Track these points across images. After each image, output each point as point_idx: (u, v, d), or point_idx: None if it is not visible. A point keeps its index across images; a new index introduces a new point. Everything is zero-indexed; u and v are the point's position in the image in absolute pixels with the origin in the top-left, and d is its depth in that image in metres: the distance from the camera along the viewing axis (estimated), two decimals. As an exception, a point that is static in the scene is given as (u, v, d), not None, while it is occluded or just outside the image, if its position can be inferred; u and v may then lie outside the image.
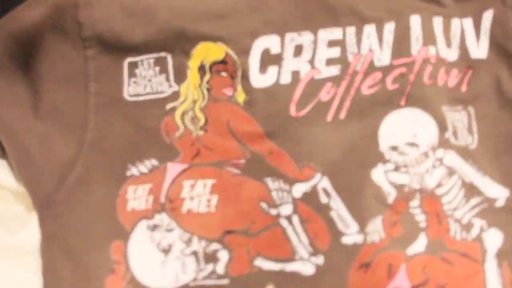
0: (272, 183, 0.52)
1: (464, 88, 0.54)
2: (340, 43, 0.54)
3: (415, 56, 0.53)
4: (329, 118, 0.53)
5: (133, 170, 0.53)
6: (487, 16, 0.55)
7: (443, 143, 0.53)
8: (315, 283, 0.50)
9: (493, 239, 0.52)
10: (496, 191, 0.53)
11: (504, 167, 0.53)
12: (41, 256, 0.52)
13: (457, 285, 0.51)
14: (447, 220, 0.52)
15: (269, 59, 0.53)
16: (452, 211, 0.52)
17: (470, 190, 0.53)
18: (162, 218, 0.52)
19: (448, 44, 0.55)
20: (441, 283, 0.51)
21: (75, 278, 0.51)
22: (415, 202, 0.52)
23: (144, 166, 0.53)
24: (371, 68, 0.54)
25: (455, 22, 0.55)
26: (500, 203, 0.53)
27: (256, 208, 0.52)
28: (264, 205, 0.52)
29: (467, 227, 0.52)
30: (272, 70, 0.53)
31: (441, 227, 0.52)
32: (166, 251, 0.51)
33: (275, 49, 0.54)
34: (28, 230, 0.54)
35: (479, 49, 0.55)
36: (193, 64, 0.54)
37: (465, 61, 0.54)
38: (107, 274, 0.51)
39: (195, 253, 0.51)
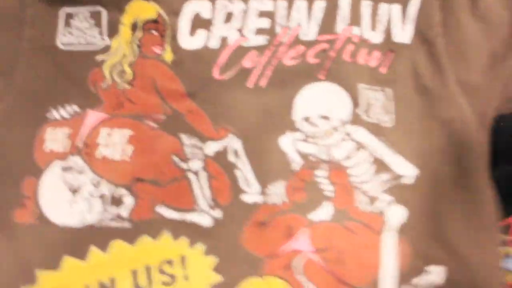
0: (186, 139, 0.54)
1: (384, 70, 0.56)
2: (270, 14, 0.56)
3: (338, 34, 0.56)
4: (250, 84, 0.55)
5: (54, 113, 0.55)
6: (414, 3, 0.57)
7: (355, 119, 0.54)
8: (211, 234, 0.51)
9: (397, 214, 0.53)
10: (406, 169, 0.54)
11: (417, 148, 0.55)
12: None
13: (355, 252, 0.52)
14: (354, 192, 0.53)
15: (199, 23, 0.56)
16: (360, 184, 0.54)
17: (380, 166, 0.54)
18: (76, 161, 0.53)
19: (374, 27, 0.57)
20: (341, 249, 0.52)
21: None
22: (321, 172, 0.54)
23: (65, 111, 0.55)
24: (296, 41, 0.56)
25: (383, 7, 0.57)
26: (408, 181, 0.54)
27: (167, 160, 0.53)
28: (175, 158, 0.53)
29: (373, 200, 0.53)
30: (201, 33, 0.56)
31: (347, 197, 0.53)
32: (75, 191, 0.53)
33: (205, 14, 0.56)
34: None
35: (404, 35, 0.57)
36: (126, 21, 0.56)
37: (389, 45, 0.56)
38: (17, 207, 0.52)
39: (102, 196, 0.53)
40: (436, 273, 0.53)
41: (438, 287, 0.52)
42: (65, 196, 0.52)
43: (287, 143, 0.54)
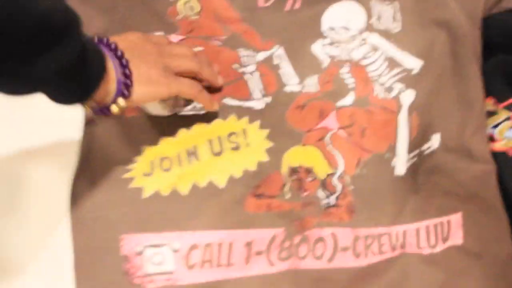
0: (243, 51, 0.70)
1: None
2: None
3: None
4: (287, 8, 0.71)
5: None
6: None
7: (369, 28, 0.70)
8: (264, 114, 0.66)
9: (408, 96, 0.67)
10: (412, 63, 0.69)
11: (420, 45, 0.69)
12: None
13: (375, 128, 0.67)
14: (372, 83, 0.68)
15: None
16: (377, 77, 0.69)
17: (392, 62, 0.69)
18: None
19: None
20: (363, 126, 0.67)
21: None
22: (345, 69, 0.69)
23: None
24: None
25: None
26: (415, 71, 0.68)
27: (229, 67, 0.69)
28: (236, 65, 0.71)
29: (389, 89, 0.68)
30: None
31: (366, 88, 0.68)
32: None
33: None
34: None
35: None
36: None
37: None
38: None
39: None
40: (435, 139, 0.68)
41: (435, 151, 0.67)
42: None
43: (318, 47, 0.69)
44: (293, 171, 0.64)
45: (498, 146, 0.68)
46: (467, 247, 0.63)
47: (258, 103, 0.67)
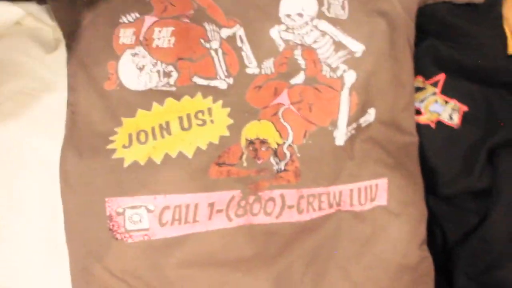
0: (208, 26, 0.79)
1: None
2: None
3: None
4: None
5: (124, 19, 0.80)
6: None
7: (319, 15, 0.79)
8: (226, 94, 0.77)
9: (350, 77, 0.78)
10: (356, 46, 0.79)
11: (363, 32, 0.79)
12: (67, 67, 0.81)
13: (321, 104, 0.78)
14: (321, 64, 0.79)
15: None
16: (325, 59, 0.79)
17: (338, 46, 0.79)
18: (140, 50, 0.79)
19: None
20: (310, 102, 0.78)
21: (84, 80, 0.79)
22: (297, 52, 0.79)
23: (130, 17, 0.81)
24: None
25: None
26: (358, 54, 0.79)
27: (197, 43, 0.78)
28: (202, 40, 0.80)
29: (335, 69, 0.79)
30: None
31: (316, 68, 0.79)
32: (141, 69, 0.78)
33: None
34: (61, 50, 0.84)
35: None
36: None
37: None
38: (105, 80, 0.79)
39: (158, 71, 0.78)
40: (371, 113, 0.80)
41: (370, 123, 0.80)
42: (134, 72, 0.78)
43: (275, 33, 0.80)
44: (250, 142, 0.76)
45: (423, 119, 0.81)
46: (389, 208, 0.78)
47: (221, 83, 0.78)
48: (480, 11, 0.81)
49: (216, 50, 0.79)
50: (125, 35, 0.79)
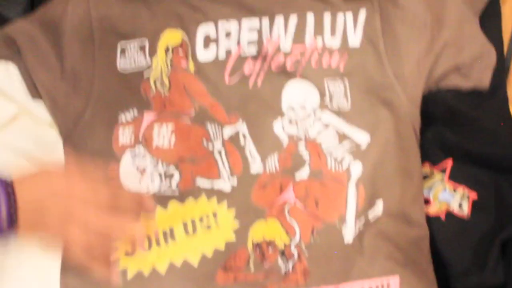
0: (210, 126, 0.78)
1: (341, 68, 0.78)
2: (257, 30, 0.79)
3: (306, 46, 0.78)
4: (250, 86, 0.79)
5: (122, 117, 0.80)
6: (362, 13, 0.78)
7: (322, 106, 0.77)
8: (231, 195, 0.76)
9: (356, 169, 0.76)
10: (360, 137, 0.77)
11: (368, 122, 0.77)
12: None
13: (328, 198, 0.76)
14: (325, 157, 0.77)
15: (209, 41, 0.79)
16: (330, 151, 0.77)
17: (343, 136, 0.77)
18: (140, 149, 0.79)
19: (333, 33, 0.78)
20: (317, 197, 0.76)
21: None
22: (301, 145, 0.77)
23: (129, 115, 0.80)
24: (278, 51, 0.78)
25: (340, 16, 0.79)
26: (363, 146, 0.77)
27: (199, 143, 0.77)
28: (204, 141, 0.78)
29: (340, 161, 0.77)
30: (212, 47, 0.79)
31: (320, 161, 0.77)
32: (142, 172, 0.78)
33: (212, 34, 0.80)
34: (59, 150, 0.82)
35: (355, 39, 0.78)
36: (161, 46, 0.80)
37: (344, 48, 0.78)
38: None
39: (159, 173, 0.78)
40: (379, 206, 0.77)
41: (379, 217, 0.77)
42: (135, 176, 0.77)
43: (279, 127, 0.78)
44: (257, 246, 0.75)
45: (433, 210, 0.79)
46: (401, 308, 0.76)
47: (225, 185, 0.76)
48: (485, 96, 0.79)
49: (219, 151, 0.77)
50: (124, 135, 0.79)
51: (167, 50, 0.79)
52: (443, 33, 0.77)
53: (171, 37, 0.80)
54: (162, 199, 0.76)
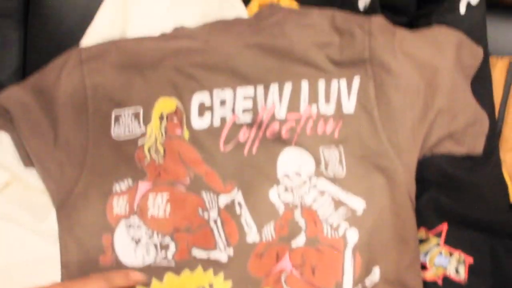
0: (206, 195, 0.78)
1: (336, 134, 0.78)
2: (252, 97, 0.79)
3: (301, 113, 0.78)
4: (245, 153, 0.79)
5: (117, 187, 0.80)
6: (356, 80, 0.79)
7: (317, 173, 0.77)
8: (227, 266, 0.75)
9: (352, 236, 0.76)
10: (356, 203, 0.77)
11: (363, 188, 0.77)
12: (59, 239, 0.80)
13: (324, 266, 0.75)
14: (321, 224, 0.76)
15: (204, 109, 0.79)
16: (325, 218, 0.76)
17: (338, 203, 0.77)
18: (134, 219, 0.78)
19: (327, 100, 0.78)
20: (313, 265, 0.75)
21: (79, 255, 0.78)
22: (297, 213, 0.77)
23: (124, 184, 0.80)
24: (272, 118, 0.78)
25: (334, 83, 0.79)
26: (359, 212, 0.77)
27: (195, 213, 0.77)
28: (200, 210, 0.78)
29: (336, 228, 0.76)
30: (207, 115, 0.79)
31: (316, 228, 0.76)
32: (137, 242, 0.77)
33: (207, 102, 0.80)
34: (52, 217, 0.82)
35: (349, 105, 0.78)
36: (155, 113, 0.80)
37: (339, 114, 0.78)
38: (100, 254, 0.78)
39: (155, 244, 0.77)
40: (375, 273, 0.76)
41: (376, 284, 0.76)
42: (130, 246, 0.77)
43: (274, 195, 0.78)
44: (254, 317, 0.74)
45: (429, 275, 0.79)
46: None
47: (222, 255, 0.76)
48: (479, 161, 0.80)
49: (215, 220, 0.77)
50: (119, 205, 0.78)
51: (161, 118, 0.79)
52: (437, 100, 0.77)
53: (166, 104, 0.80)
54: (157, 271, 0.76)
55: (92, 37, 0.86)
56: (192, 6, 0.87)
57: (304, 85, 0.79)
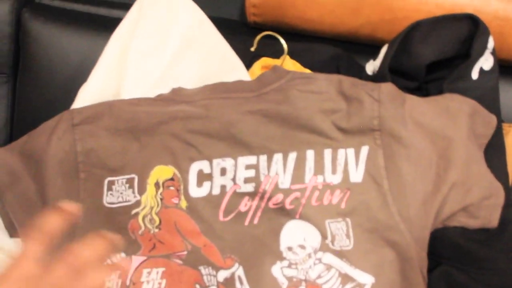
0: (204, 270, 0.73)
1: (343, 205, 0.74)
2: (254, 166, 0.75)
3: (307, 184, 0.74)
4: (246, 223, 0.74)
5: (108, 261, 0.75)
6: (364, 150, 0.75)
7: (323, 247, 0.73)
8: None
9: None
10: (365, 278, 0.72)
11: (372, 262, 0.73)
12: None
13: None
14: None
15: (203, 177, 0.75)
16: None
17: (345, 278, 0.73)
18: None
19: (334, 170, 0.75)
20: None
21: None
22: None
23: (116, 258, 0.75)
24: (276, 188, 0.74)
25: (341, 152, 0.75)
26: (367, 286, 0.73)
27: None
28: (197, 286, 0.74)
29: None
30: (206, 184, 0.75)
31: None
32: None
33: (206, 170, 0.75)
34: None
35: (357, 175, 0.74)
36: (151, 181, 0.76)
37: (346, 184, 0.74)
38: None
39: None
40: None
41: None
42: None
43: (277, 270, 0.73)
44: None
45: None
46: None
47: None
48: (493, 233, 0.76)
49: None
50: (111, 280, 0.73)
51: (157, 185, 0.75)
52: (451, 173, 0.73)
53: (162, 172, 0.76)
54: None
55: (84, 97, 0.82)
56: (191, 66, 0.83)
57: (310, 155, 0.75)
